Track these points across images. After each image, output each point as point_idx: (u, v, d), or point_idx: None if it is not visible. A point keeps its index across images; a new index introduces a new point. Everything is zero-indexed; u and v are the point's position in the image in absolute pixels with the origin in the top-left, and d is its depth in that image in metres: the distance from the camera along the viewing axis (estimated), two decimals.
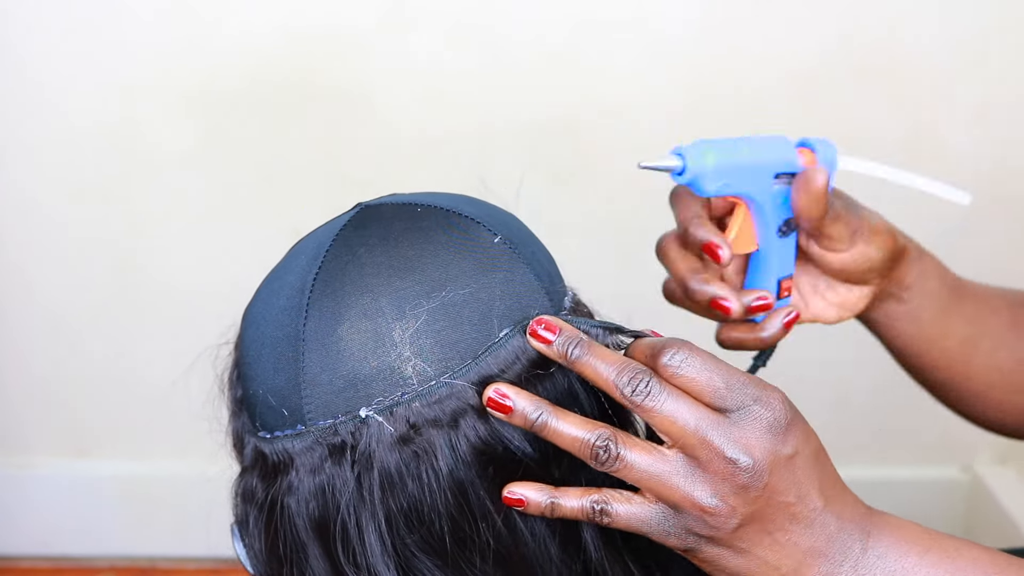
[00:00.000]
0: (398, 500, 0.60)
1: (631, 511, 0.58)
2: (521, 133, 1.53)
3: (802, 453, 0.58)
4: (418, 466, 0.59)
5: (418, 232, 0.63)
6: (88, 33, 1.50)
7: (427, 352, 0.59)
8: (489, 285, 0.61)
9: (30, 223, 1.61)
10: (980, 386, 0.89)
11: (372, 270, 0.61)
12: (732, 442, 0.56)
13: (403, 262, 0.61)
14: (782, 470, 0.57)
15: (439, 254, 0.61)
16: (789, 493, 0.58)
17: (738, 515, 0.57)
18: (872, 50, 1.49)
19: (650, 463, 0.57)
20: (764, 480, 0.56)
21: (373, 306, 0.60)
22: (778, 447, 0.57)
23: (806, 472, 0.58)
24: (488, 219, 0.64)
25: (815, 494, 0.58)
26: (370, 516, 0.60)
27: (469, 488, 0.60)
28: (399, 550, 0.60)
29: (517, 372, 0.60)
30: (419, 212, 0.64)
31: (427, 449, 0.59)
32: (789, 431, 0.57)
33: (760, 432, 0.57)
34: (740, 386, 0.57)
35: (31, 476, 1.74)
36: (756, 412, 0.57)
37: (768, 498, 0.57)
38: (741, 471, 0.56)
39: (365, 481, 0.60)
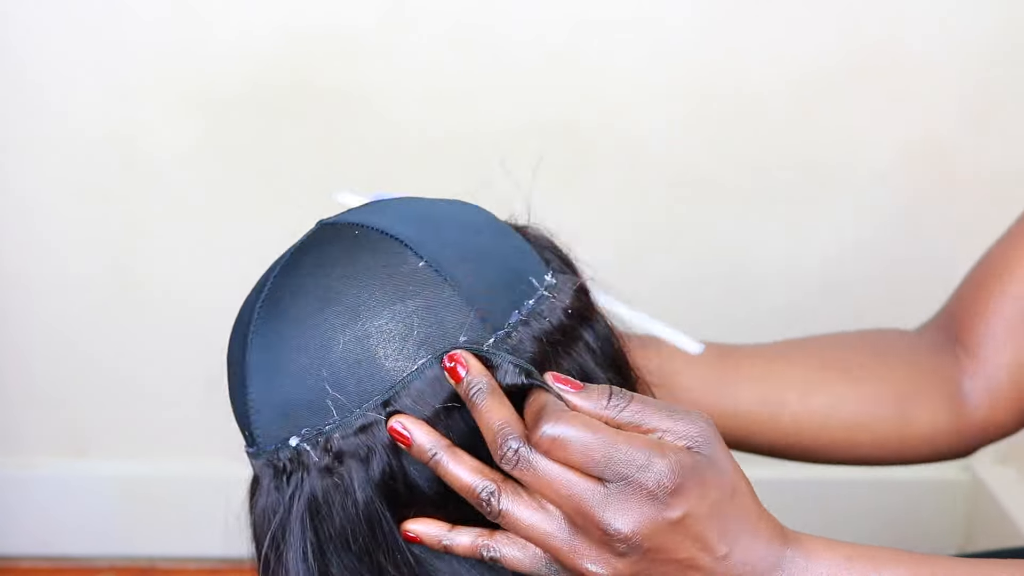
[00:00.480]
0: (325, 528, 0.61)
1: (518, 557, 0.59)
2: (521, 133, 1.53)
3: (695, 512, 0.57)
4: (339, 496, 0.61)
5: (347, 258, 0.63)
6: (88, 34, 1.50)
7: (344, 382, 0.60)
8: (405, 312, 0.60)
9: (30, 223, 1.61)
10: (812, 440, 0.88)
11: (303, 300, 0.62)
12: (608, 513, 0.56)
13: (328, 291, 0.62)
14: (668, 533, 0.57)
15: (360, 280, 0.61)
16: (680, 551, 0.58)
17: (623, 572, 0.58)
18: (873, 52, 1.49)
19: (533, 521, 0.58)
20: (644, 546, 0.57)
21: (301, 338, 0.61)
22: (661, 513, 0.57)
23: (704, 526, 0.58)
24: (424, 238, 0.63)
25: (715, 544, 0.58)
26: (297, 540, 0.62)
27: (381, 519, 0.61)
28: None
29: (432, 404, 0.60)
30: (356, 235, 0.64)
31: (346, 479, 0.60)
32: (677, 494, 0.57)
33: (639, 502, 0.56)
34: (621, 457, 0.56)
35: (31, 476, 1.74)
36: (637, 481, 0.56)
37: (653, 560, 0.57)
38: (617, 541, 0.57)
39: (294, 507, 0.62)
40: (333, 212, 0.71)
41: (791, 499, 1.46)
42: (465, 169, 1.55)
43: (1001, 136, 1.53)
